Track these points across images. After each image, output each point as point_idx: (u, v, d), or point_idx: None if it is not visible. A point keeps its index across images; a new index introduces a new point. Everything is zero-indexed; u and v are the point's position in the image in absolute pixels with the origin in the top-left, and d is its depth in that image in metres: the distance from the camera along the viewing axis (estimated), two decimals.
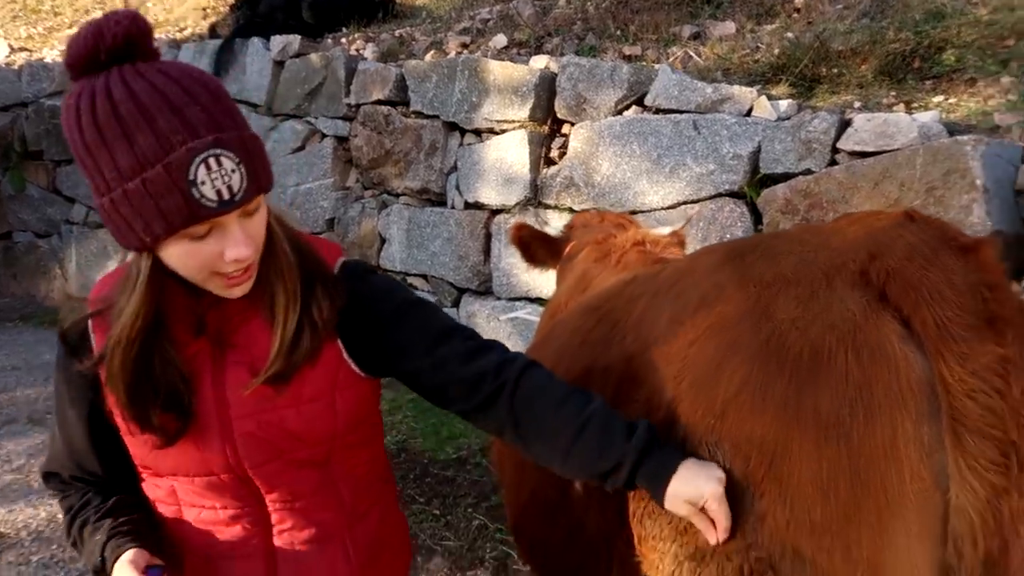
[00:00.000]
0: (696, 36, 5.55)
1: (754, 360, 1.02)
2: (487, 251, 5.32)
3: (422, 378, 1.28)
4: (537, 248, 2.52)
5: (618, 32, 5.85)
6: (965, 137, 3.53)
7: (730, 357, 1.05)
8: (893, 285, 0.98)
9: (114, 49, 1.04)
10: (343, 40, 7.14)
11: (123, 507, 1.27)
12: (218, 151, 1.03)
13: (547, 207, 4.99)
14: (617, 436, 1.16)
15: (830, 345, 0.97)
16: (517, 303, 5.12)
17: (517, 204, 5.10)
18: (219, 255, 1.09)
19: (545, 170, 5.01)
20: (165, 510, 1.30)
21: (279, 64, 6.88)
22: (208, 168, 1.03)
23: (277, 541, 1.28)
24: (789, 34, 5.10)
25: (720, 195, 4.23)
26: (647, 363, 1.20)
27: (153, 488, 1.30)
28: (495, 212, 5.27)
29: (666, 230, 2.50)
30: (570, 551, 1.46)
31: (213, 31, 8.23)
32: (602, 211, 2.35)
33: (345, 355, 1.25)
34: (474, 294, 5.47)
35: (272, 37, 6.98)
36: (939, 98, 4.30)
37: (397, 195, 5.84)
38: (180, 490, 1.27)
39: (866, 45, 4.62)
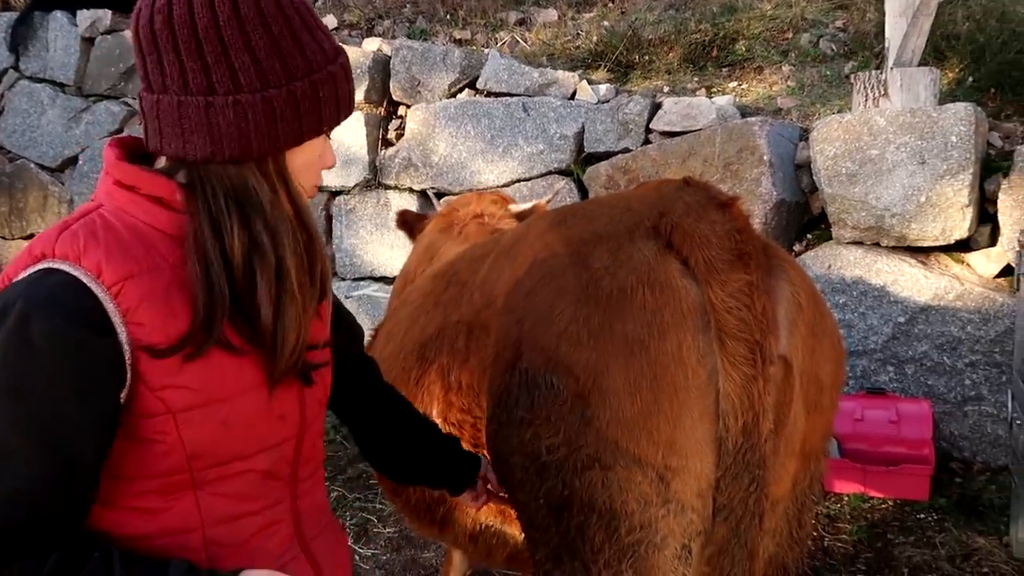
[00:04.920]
0: (522, 22, 5.86)
1: (577, 301, 1.29)
2: (329, 232, 5.35)
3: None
4: (419, 227, 2.86)
5: (447, 16, 6.04)
6: (754, 119, 4.07)
7: (559, 301, 1.31)
8: (676, 235, 1.28)
9: None
10: None
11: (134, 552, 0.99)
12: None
13: (387, 187, 5.11)
14: None
15: (632, 284, 1.26)
16: (362, 283, 5.21)
17: (357, 185, 5.17)
18: (323, 159, 1.10)
19: (383, 151, 5.12)
20: (175, 540, 1.03)
21: (88, 41, 6.45)
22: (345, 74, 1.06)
23: (302, 528, 1.17)
24: (606, 23, 5.52)
25: (550, 173, 4.57)
26: (494, 313, 1.44)
27: (166, 516, 1.03)
28: (335, 194, 5.31)
29: (528, 205, 2.81)
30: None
31: (5, 3, 7.52)
32: (480, 192, 2.69)
33: None
34: None
35: (78, 11, 6.53)
36: (733, 84, 4.87)
37: None
38: (208, 503, 1.05)
39: (672, 35, 5.12)
